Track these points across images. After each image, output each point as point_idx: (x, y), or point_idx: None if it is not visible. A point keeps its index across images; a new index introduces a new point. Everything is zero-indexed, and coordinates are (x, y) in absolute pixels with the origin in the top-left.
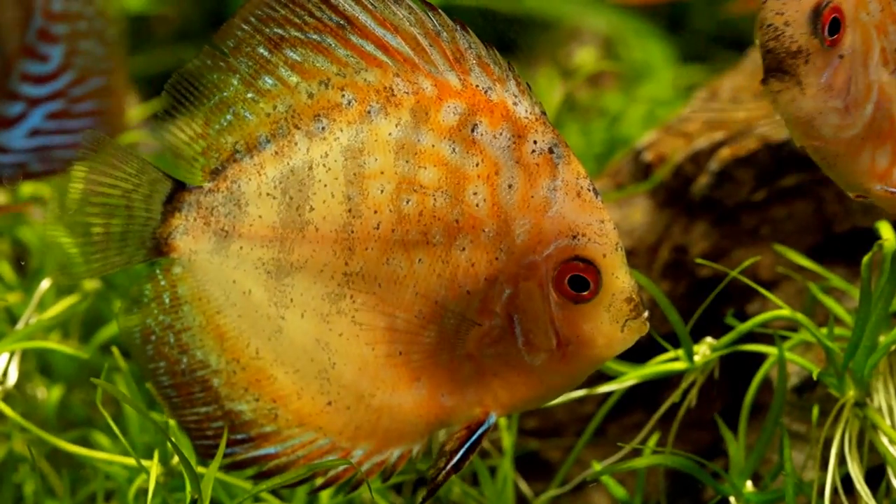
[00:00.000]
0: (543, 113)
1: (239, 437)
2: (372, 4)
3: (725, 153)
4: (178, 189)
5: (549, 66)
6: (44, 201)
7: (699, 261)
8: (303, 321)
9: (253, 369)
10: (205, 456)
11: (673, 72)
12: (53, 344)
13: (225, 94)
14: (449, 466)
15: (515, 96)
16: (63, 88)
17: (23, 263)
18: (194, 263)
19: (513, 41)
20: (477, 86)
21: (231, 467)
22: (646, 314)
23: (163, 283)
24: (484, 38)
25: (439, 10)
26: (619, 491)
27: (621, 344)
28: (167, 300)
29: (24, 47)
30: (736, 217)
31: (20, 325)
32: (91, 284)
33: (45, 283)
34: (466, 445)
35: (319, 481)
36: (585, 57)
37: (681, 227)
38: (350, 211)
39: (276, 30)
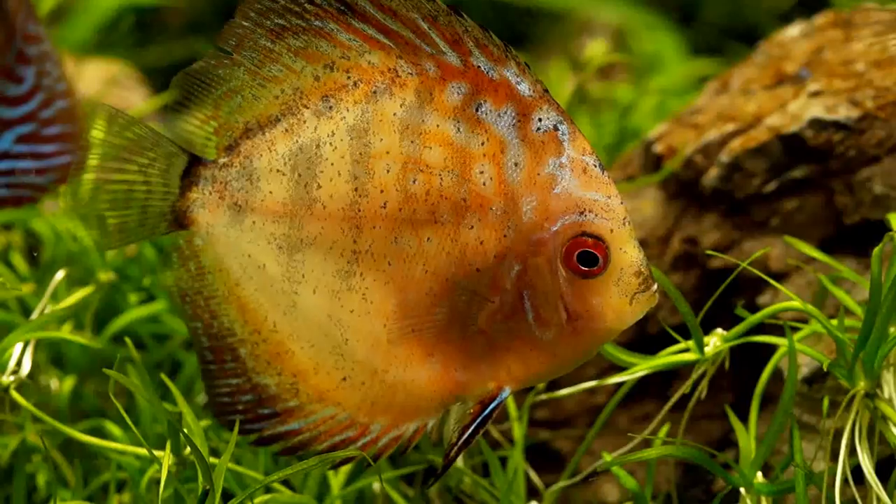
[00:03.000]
0: (546, 91)
1: (266, 411)
2: None
3: (736, 145)
4: (194, 163)
5: (560, 59)
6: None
7: (710, 252)
8: (315, 297)
9: (273, 342)
10: (238, 432)
11: (684, 64)
12: (67, 334)
13: (232, 84)
14: (461, 441)
15: (517, 76)
16: (34, 110)
17: (35, 255)
18: (212, 236)
19: (524, 33)
20: (478, 66)
21: (258, 443)
22: (655, 286)
23: (187, 252)
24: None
25: None
26: (630, 481)
27: (631, 317)
28: (193, 269)
29: (4, 69)
30: (746, 209)
31: (34, 316)
32: (105, 276)
33: (59, 274)
34: (479, 420)
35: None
36: (596, 49)
37: (691, 219)
38: (356, 190)
39: (276, 20)
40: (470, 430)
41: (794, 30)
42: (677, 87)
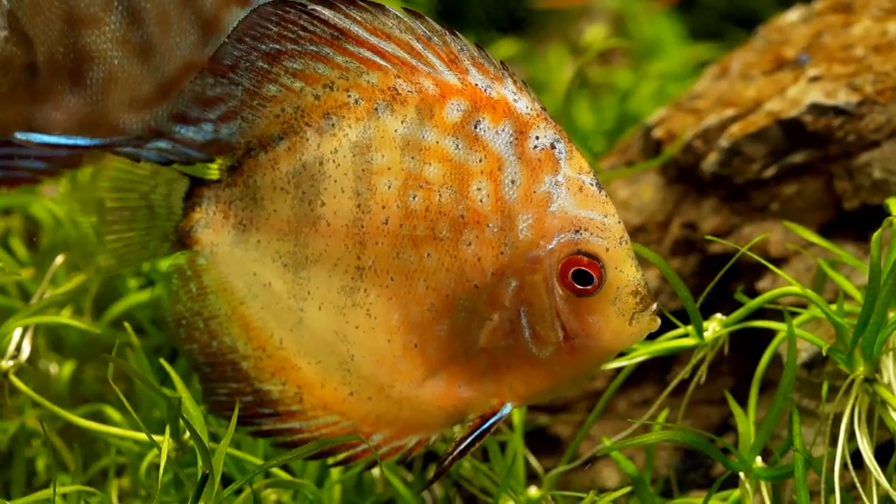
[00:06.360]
0: (544, 108)
1: (267, 411)
2: (360, 16)
3: (735, 130)
4: (196, 184)
5: (559, 44)
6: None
7: (709, 237)
8: (321, 314)
9: (278, 358)
10: (237, 424)
11: (683, 49)
12: (66, 319)
13: (231, 104)
14: (456, 452)
15: (514, 93)
16: None
17: (34, 240)
18: (216, 256)
19: (523, 18)
20: (476, 84)
21: (257, 435)
22: (654, 307)
23: (189, 273)
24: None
25: (426, 17)
26: (629, 466)
27: (630, 338)
28: (194, 289)
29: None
30: (746, 194)
31: (33, 301)
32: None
33: (59, 259)
34: (477, 433)
35: (332, 460)
36: (596, 34)
37: (691, 204)
38: (359, 206)
39: (271, 45)
40: (466, 443)
41: (793, 15)
42: (677, 71)
